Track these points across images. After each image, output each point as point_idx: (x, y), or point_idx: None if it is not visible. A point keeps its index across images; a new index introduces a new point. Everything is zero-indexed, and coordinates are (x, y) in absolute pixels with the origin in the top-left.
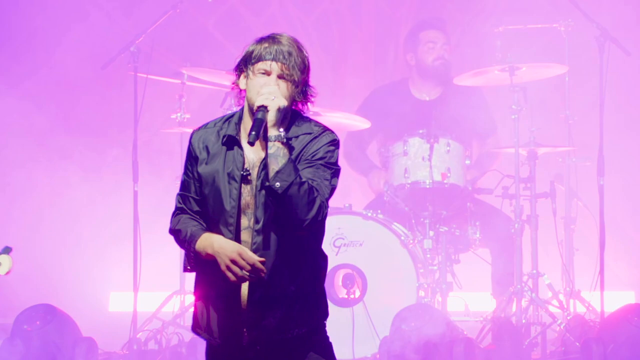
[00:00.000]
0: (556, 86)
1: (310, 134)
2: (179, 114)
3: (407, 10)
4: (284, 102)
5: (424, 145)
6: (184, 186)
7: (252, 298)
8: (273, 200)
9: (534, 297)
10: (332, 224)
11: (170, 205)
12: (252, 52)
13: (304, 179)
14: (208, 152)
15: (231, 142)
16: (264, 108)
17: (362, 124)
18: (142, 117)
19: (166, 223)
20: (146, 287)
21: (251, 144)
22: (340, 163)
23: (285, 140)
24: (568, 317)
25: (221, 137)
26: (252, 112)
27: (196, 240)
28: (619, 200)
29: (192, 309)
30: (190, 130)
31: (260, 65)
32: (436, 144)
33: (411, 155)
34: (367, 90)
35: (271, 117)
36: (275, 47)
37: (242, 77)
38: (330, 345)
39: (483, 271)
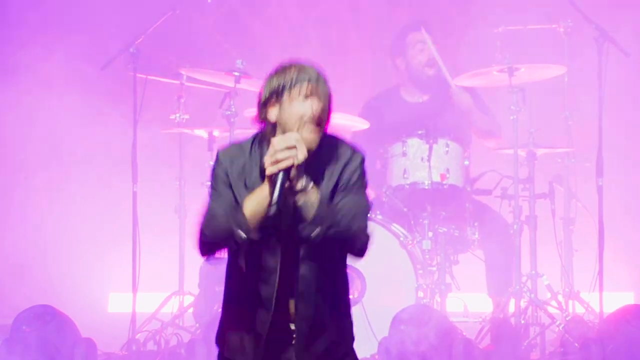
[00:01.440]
0: (555, 87)
1: (340, 159)
2: (177, 115)
3: (406, 12)
4: (304, 153)
5: (423, 146)
6: (217, 195)
7: (301, 327)
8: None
9: (532, 297)
10: None
11: (170, 204)
12: (281, 81)
13: (341, 213)
14: (245, 184)
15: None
16: (285, 172)
17: (361, 124)
18: (141, 118)
19: (165, 223)
20: (145, 288)
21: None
22: None
23: (311, 185)
24: (567, 318)
25: (256, 164)
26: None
27: (242, 207)
28: (618, 201)
29: (191, 309)
30: (188, 131)
31: (296, 91)
32: (435, 145)
33: (410, 156)
34: (365, 92)
35: (293, 173)
36: (305, 70)
37: (270, 109)
38: None
39: (482, 272)
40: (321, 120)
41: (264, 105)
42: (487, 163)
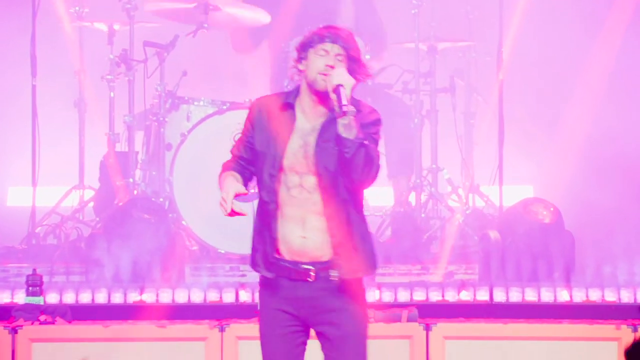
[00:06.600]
0: None
1: (362, 111)
2: (77, 8)
3: None
4: (354, 81)
5: None
6: (239, 141)
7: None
8: (345, 160)
9: (433, 191)
10: (232, 119)
11: (69, 98)
12: (312, 38)
13: (369, 146)
14: (268, 118)
15: (288, 108)
16: (341, 85)
17: (262, 17)
18: (39, 10)
19: (64, 117)
20: (45, 182)
21: (342, 115)
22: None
23: (355, 113)
24: (467, 211)
25: (277, 104)
26: (311, 88)
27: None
28: (518, 96)
29: (91, 204)
30: (88, 24)
31: (320, 47)
32: None
33: None
34: None
35: (347, 94)
36: (332, 32)
37: (301, 61)
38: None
39: (383, 166)
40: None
41: (296, 59)
42: (388, 57)
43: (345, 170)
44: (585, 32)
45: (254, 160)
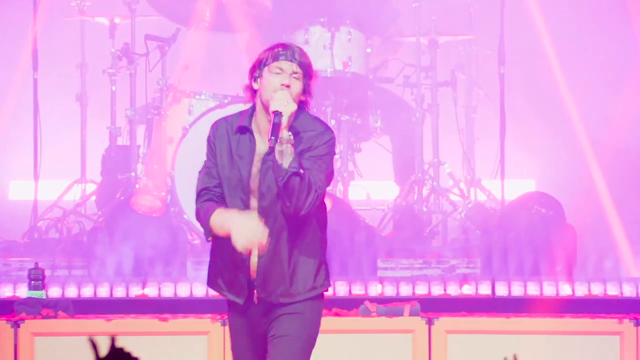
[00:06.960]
0: None
1: (313, 131)
2: (79, 1)
3: None
4: (294, 107)
5: (325, 34)
6: (206, 169)
7: (260, 268)
8: (279, 187)
9: (435, 185)
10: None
11: (71, 92)
12: (266, 56)
13: (305, 174)
14: (229, 142)
15: (245, 131)
16: (279, 113)
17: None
18: (40, 3)
19: (66, 111)
20: (47, 176)
21: (272, 147)
22: None
23: (293, 141)
24: (469, 205)
25: (235, 126)
26: (266, 108)
27: (210, 215)
28: (520, 89)
29: (93, 197)
30: (89, 19)
31: (275, 65)
32: (337, 33)
33: (312, 43)
34: None
35: (284, 121)
36: (288, 50)
37: (255, 80)
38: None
39: (384, 160)
40: (299, 88)
41: (251, 78)
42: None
43: (280, 195)
44: (586, 25)
45: (221, 184)
